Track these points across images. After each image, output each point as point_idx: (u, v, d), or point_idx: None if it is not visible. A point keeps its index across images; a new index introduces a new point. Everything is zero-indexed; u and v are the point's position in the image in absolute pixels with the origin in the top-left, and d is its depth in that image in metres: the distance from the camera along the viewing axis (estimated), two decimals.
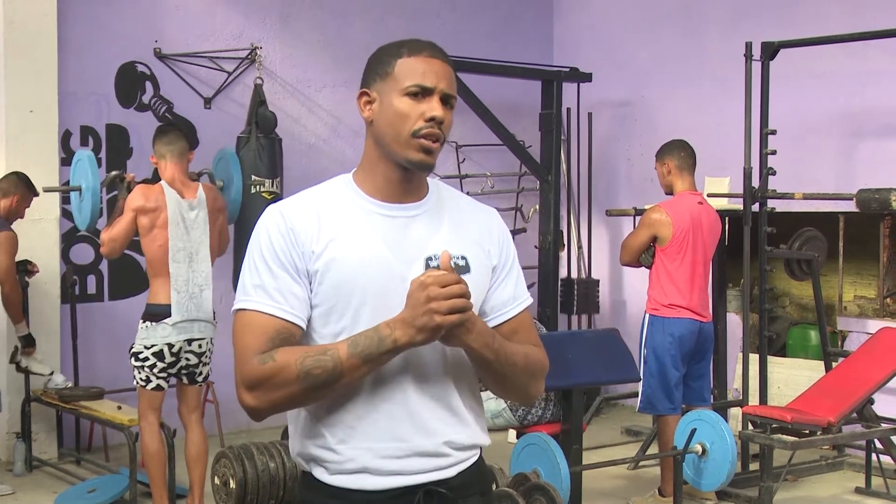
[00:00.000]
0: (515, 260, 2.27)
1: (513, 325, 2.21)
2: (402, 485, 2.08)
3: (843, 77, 7.17)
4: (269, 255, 2.08)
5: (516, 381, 2.17)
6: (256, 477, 5.21)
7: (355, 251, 2.08)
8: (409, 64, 2.12)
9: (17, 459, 6.46)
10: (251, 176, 6.86)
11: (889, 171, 6.75)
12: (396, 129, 2.10)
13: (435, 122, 2.09)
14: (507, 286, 2.22)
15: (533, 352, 2.20)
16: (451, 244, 2.13)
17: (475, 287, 2.10)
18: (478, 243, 2.19)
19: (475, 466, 2.21)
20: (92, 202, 5.69)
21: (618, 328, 6.70)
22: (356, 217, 2.12)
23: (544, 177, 7.57)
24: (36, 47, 6.70)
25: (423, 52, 2.14)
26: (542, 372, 2.23)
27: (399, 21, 8.38)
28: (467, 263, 2.14)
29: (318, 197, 2.15)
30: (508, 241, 2.27)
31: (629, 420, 7.94)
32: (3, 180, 6.25)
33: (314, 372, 1.98)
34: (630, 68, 8.62)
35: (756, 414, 5.73)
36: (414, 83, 2.10)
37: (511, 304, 2.22)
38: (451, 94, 2.15)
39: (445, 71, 2.15)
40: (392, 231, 2.12)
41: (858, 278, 7.93)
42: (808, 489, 6.22)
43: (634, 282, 8.30)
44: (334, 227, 2.10)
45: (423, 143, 2.09)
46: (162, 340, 5.23)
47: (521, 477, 4.98)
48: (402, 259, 2.10)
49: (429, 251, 2.12)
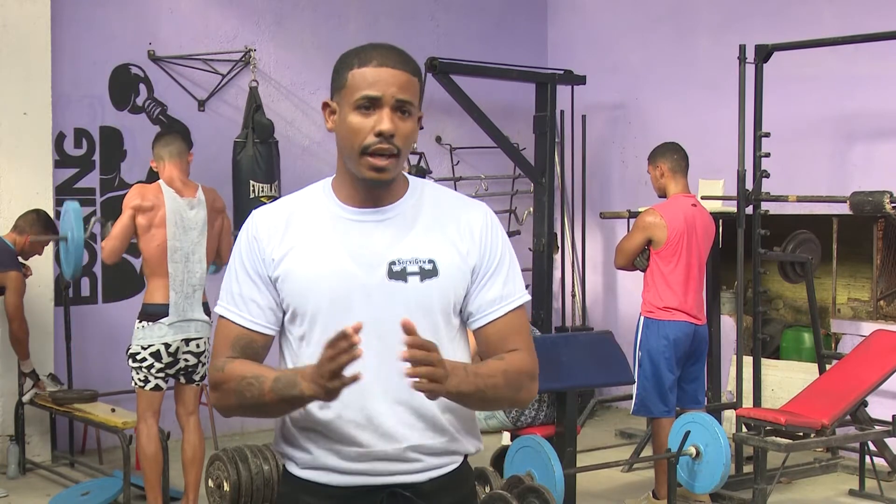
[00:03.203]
0: (505, 257, 2.19)
1: (499, 327, 2.17)
2: (368, 484, 2.12)
3: (836, 80, 7.18)
4: (238, 262, 2.18)
5: (500, 399, 2.14)
6: (250, 479, 5.21)
7: (312, 260, 2.11)
8: (359, 75, 2.07)
9: (11, 462, 6.44)
10: (249, 181, 6.87)
11: (882, 174, 6.76)
12: (349, 144, 2.08)
13: (384, 136, 2.04)
14: (493, 286, 2.16)
15: (514, 364, 2.14)
16: (419, 247, 2.11)
17: (445, 290, 2.11)
18: (453, 244, 2.14)
19: (454, 473, 2.19)
20: (75, 254, 5.92)
21: (611, 331, 6.71)
22: (323, 223, 2.13)
23: (538, 179, 7.58)
24: (29, 50, 6.69)
25: (373, 62, 2.07)
26: (529, 380, 2.17)
27: (392, 23, 8.38)
28: (435, 267, 2.11)
29: (294, 202, 2.19)
30: (495, 238, 2.19)
31: (623, 422, 7.94)
32: (22, 217, 6.29)
33: (245, 393, 2.08)
34: (624, 71, 8.63)
35: (750, 416, 5.74)
36: (362, 95, 2.05)
37: (496, 305, 2.16)
38: (405, 99, 2.06)
39: (397, 78, 2.06)
40: (356, 237, 2.11)
41: (852, 281, 7.94)
42: (802, 491, 6.23)
43: (628, 284, 8.31)
44: (299, 234, 2.13)
45: (371, 161, 2.05)
46: (159, 340, 5.22)
47: (514, 479, 4.98)
48: (364, 264, 2.10)
49: (393, 255, 2.10)
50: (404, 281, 2.09)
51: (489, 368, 2.10)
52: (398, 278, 2.09)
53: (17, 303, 6.10)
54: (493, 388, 2.08)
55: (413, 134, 2.09)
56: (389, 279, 2.09)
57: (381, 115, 2.04)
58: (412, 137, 2.10)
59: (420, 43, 8.28)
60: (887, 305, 7.49)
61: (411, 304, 2.09)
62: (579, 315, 8.79)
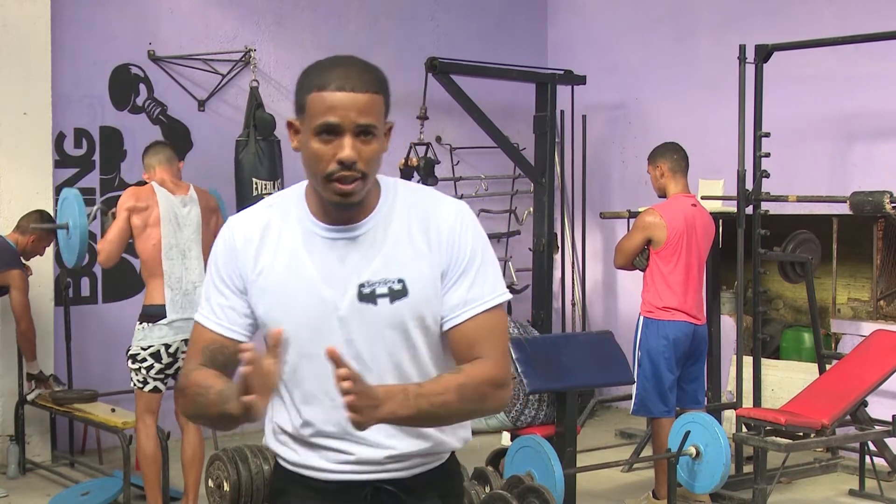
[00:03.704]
0: (475, 259, 2.12)
1: (464, 331, 2.11)
2: (353, 480, 2.15)
3: (836, 80, 7.18)
4: (214, 270, 2.19)
5: (459, 414, 2.09)
6: (250, 479, 5.20)
7: (286, 283, 2.11)
8: (318, 100, 2.01)
9: (11, 462, 6.45)
10: (252, 179, 6.88)
11: (882, 174, 6.76)
12: (313, 170, 2.06)
13: (345, 165, 2.00)
14: (458, 290, 2.10)
15: (473, 375, 2.07)
16: (388, 266, 2.08)
17: (416, 308, 2.09)
18: (422, 257, 2.10)
19: (440, 469, 2.21)
20: (80, 240, 5.81)
21: (611, 331, 6.71)
22: (296, 241, 2.12)
23: (538, 179, 7.58)
24: (29, 50, 6.69)
25: (331, 85, 2.01)
26: (495, 388, 2.10)
27: (392, 23, 8.39)
28: (404, 287, 2.08)
29: (270, 212, 2.18)
30: (463, 240, 2.12)
31: (623, 422, 7.94)
32: (24, 217, 6.30)
33: (198, 402, 2.10)
34: (624, 71, 8.63)
35: (750, 416, 5.74)
36: (321, 122, 2.01)
37: (461, 309, 2.11)
38: (367, 123, 2.00)
39: (357, 102, 2.00)
40: (329, 257, 2.10)
41: (852, 281, 7.94)
42: (802, 491, 6.23)
43: (628, 284, 8.31)
44: (273, 250, 2.13)
45: (336, 187, 2.02)
46: (158, 341, 5.22)
47: (514, 479, 4.98)
48: (335, 287, 2.09)
49: (363, 277, 2.08)
50: (374, 303, 2.08)
51: (438, 386, 2.04)
52: (368, 301, 2.08)
53: (23, 301, 6.11)
54: (444, 405, 2.02)
55: (377, 154, 2.04)
56: (360, 301, 2.08)
57: (341, 142, 2.00)
58: (377, 158, 2.05)
59: (420, 43, 8.28)
60: (887, 305, 7.49)
61: (383, 325, 2.09)
62: (579, 318, 8.79)
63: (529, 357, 5.22)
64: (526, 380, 5.16)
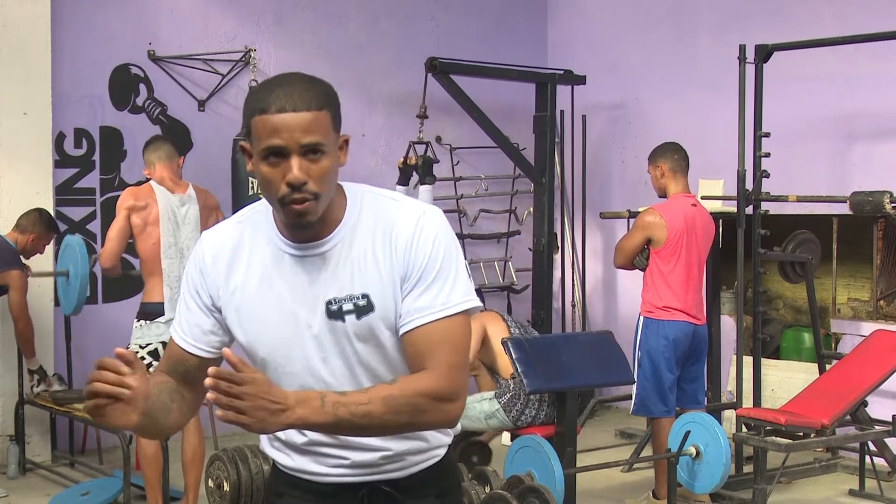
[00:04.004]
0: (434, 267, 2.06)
1: (413, 339, 2.05)
2: (349, 481, 2.17)
3: (836, 80, 7.18)
4: (185, 285, 2.21)
5: (387, 426, 2.00)
6: (250, 480, 5.20)
7: (258, 304, 2.12)
8: (261, 123, 1.97)
9: (11, 462, 6.45)
10: (249, 179, 6.89)
11: (882, 174, 6.76)
12: (267, 194, 2.03)
13: (294, 187, 1.97)
14: (412, 296, 2.06)
15: (408, 387, 2.00)
16: (354, 282, 2.07)
17: (384, 320, 2.07)
18: (385, 271, 2.06)
19: (435, 467, 2.21)
20: (79, 289, 5.90)
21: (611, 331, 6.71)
22: (266, 260, 2.12)
23: (538, 179, 7.58)
24: (29, 50, 6.69)
25: (272, 108, 1.96)
26: (435, 401, 2.02)
27: (392, 23, 8.38)
28: (369, 302, 2.06)
29: (240, 228, 2.17)
30: (422, 247, 2.06)
31: (623, 422, 7.94)
32: (24, 216, 6.30)
33: None
34: (624, 71, 8.63)
35: (750, 416, 5.73)
36: (265, 146, 1.97)
37: (411, 316, 2.05)
38: (312, 142, 1.96)
39: (300, 121, 1.96)
40: (298, 276, 2.09)
41: (852, 281, 7.94)
42: (802, 491, 6.23)
43: (627, 284, 8.31)
44: (245, 269, 2.13)
45: (291, 209, 2.00)
46: (156, 339, 5.23)
47: (514, 479, 4.98)
48: (305, 305, 2.09)
49: (329, 294, 2.08)
50: (342, 320, 2.07)
51: (363, 396, 1.98)
52: (336, 318, 2.07)
53: (21, 301, 6.11)
54: (367, 415, 1.96)
55: (329, 172, 2.00)
56: (328, 319, 2.08)
57: (289, 164, 1.97)
58: (329, 175, 2.00)
59: (420, 43, 8.28)
60: (887, 305, 7.49)
61: (355, 340, 2.09)
62: (579, 318, 8.78)
63: (529, 357, 5.23)
64: (526, 380, 5.16)
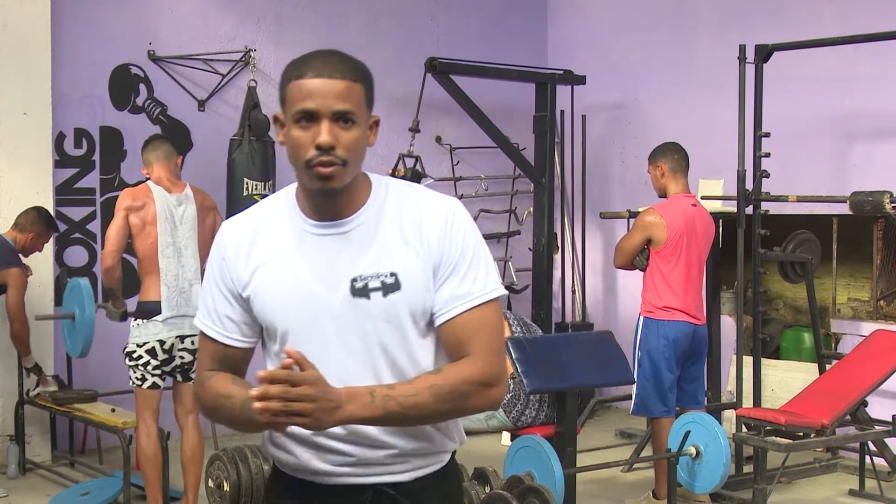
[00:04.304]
0: (466, 254, 2.10)
1: (453, 327, 2.09)
2: (353, 482, 2.14)
3: (836, 80, 7.18)
4: (210, 277, 2.21)
5: (436, 414, 2.06)
6: (250, 480, 5.21)
7: (278, 282, 2.12)
8: (296, 88, 2.04)
9: (11, 462, 6.45)
10: (244, 179, 6.89)
11: (882, 174, 6.76)
12: (295, 158, 2.06)
13: (323, 149, 2.01)
14: (450, 285, 2.09)
15: (452, 375, 2.05)
16: (381, 260, 2.08)
17: (410, 301, 2.08)
18: (415, 252, 2.09)
19: (440, 472, 2.20)
20: (85, 332, 5.92)
21: (611, 331, 6.71)
22: (287, 239, 2.13)
23: (538, 179, 7.58)
24: (29, 50, 6.69)
25: (308, 73, 2.03)
26: (480, 386, 2.07)
27: (392, 23, 8.38)
28: (397, 280, 2.07)
29: (260, 215, 2.19)
30: (454, 235, 2.10)
31: (623, 422, 7.94)
32: (22, 215, 6.30)
33: (220, 411, 2.15)
34: (623, 71, 8.63)
35: (750, 416, 5.73)
36: (298, 109, 2.03)
37: (451, 304, 2.09)
38: (344, 109, 2.02)
39: (334, 87, 2.02)
40: (320, 254, 2.10)
41: (852, 281, 7.94)
42: (802, 491, 6.23)
43: (628, 284, 8.31)
44: (264, 251, 2.14)
45: (317, 171, 2.02)
46: (153, 337, 5.23)
47: (514, 479, 4.97)
48: (328, 283, 2.09)
49: (355, 272, 2.08)
50: (367, 297, 2.07)
51: (411, 387, 2.02)
52: (361, 295, 2.07)
53: (18, 301, 6.11)
54: (416, 406, 2.01)
55: (358, 142, 2.04)
56: (353, 296, 2.08)
57: (319, 128, 2.02)
58: (358, 146, 2.05)
59: (420, 43, 8.28)
60: (887, 305, 7.50)
61: (377, 320, 2.08)
62: (579, 313, 8.79)
63: (529, 357, 5.22)
64: (526, 380, 5.16)
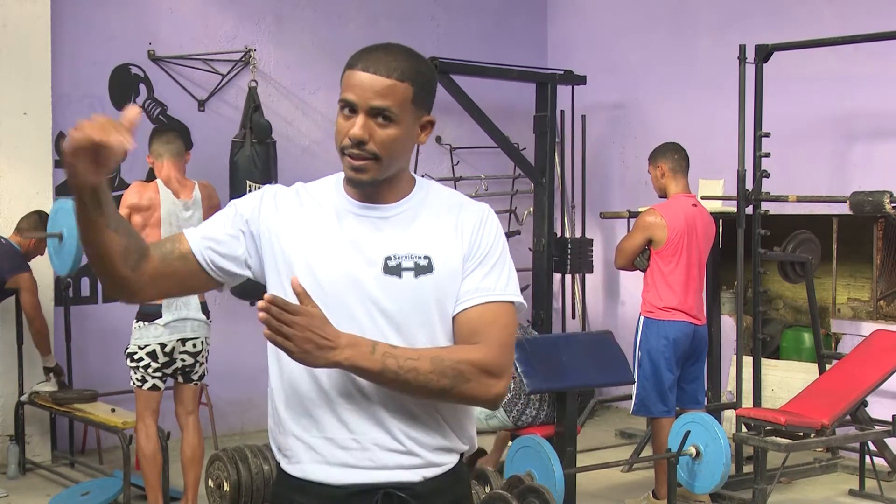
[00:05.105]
0: (494, 253, 2.17)
1: (470, 316, 2.12)
2: (362, 481, 2.11)
3: (836, 80, 7.18)
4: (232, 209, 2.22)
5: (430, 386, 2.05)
6: (250, 480, 5.20)
7: (314, 247, 2.14)
8: (348, 76, 2.10)
9: (11, 462, 6.45)
10: (246, 181, 6.89)
11: (882, 174, 6.76)
12: (336, 142, 2.14)
13: (353, 142, 2.07)
14: (474, 276, 2.14)
15: (457, 353, 2.08)
16: (416, 244, 2.14)
17: (439, 285, 2.12)
18: (449, 243, 2.15)
19: (449, 474, 2.18)
20: (75, 250, 5.75)
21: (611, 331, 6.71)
22: (329, 213, 2.18)
23: (538, 179, 7.57)
24: (29, 50, 6.69)
25: (359, 65, 2.08)
26: (481, 373, 2.08)
27: (392, 23, 8.38)
28: (430, 263, 2.12)
29: (309, 188, 2.25)
30: (486, 233, 2.18)
31: (623, 422, 7.94)
32: (24, 219, 6.36)
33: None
34: (624, 71, 8.63)
35: (750, 416, 5.74)
36: (343, 98, 2.10)
37: (472, 294, 2.13)
38: (381, 106, 2.06)
39: (376, 84, 2.06)
40: (357, 231, 2.15)
41: (852, 281, 7.94)
42: (802, 491, 6.23)
43: (628, 284, 8.31)
44: (307, 218, 2.18)
45: (348, 161, 2.10)
46: (154, 340, 5.23)
47: (514, 479, 4.97)
48: (361, 258, 2.12)
49: (390, 251, 2.13)
50: (398, 276, 2.11)
51: (414, 352, 2.05)
52: (393, 273, 2.11)
53: (34, 302, 6.25)
54: (413, 371, 2.02)
55: (395, 140, 2.08)
56: (384, 274, 2.11)
57: (355, 120, 2.07)
58: (394, 144, 2.09)
59: (420, 43, 8.24)
60: (887, 305, 7.50)
61: (404, 299, 2.11)
62: (579, 314, 8.78)
63: (529, 357, 5.22)
64: (526, 380, 5.16)
